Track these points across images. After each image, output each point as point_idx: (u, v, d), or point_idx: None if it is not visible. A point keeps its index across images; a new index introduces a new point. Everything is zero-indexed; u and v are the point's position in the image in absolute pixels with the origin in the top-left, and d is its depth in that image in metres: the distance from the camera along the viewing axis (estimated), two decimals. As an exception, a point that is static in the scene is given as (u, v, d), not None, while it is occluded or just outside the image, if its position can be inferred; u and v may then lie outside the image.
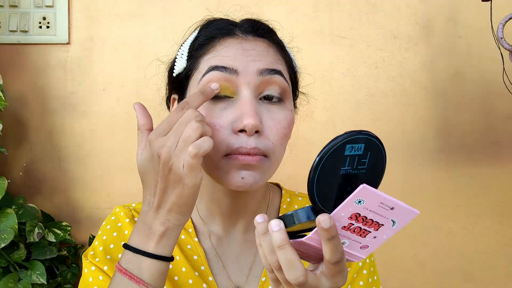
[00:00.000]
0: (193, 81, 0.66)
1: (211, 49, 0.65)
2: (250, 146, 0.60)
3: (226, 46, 0.65)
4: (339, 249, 0.48)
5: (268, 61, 0.64)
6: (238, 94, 0.62)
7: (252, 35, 0.67)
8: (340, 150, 0.46)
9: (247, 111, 0.60)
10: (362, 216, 0.47)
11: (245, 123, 0.59)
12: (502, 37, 1.10)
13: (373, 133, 0.47)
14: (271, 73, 0.64)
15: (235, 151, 0.60)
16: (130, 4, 1.32)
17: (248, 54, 0.64)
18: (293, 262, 0.48)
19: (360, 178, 0.47)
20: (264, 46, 0.66)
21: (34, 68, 1.30)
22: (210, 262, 0.73)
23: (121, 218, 0.75)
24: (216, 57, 0.64)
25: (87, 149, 1.31)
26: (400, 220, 0.48)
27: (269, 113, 0.63)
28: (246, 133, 0.60)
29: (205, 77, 0.63)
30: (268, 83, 0.64)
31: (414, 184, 1.32)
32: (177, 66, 0.69)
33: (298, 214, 0.49)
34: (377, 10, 1.33)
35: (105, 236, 0.74)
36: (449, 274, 1.33)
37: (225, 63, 0.63)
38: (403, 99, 1.33)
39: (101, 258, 0.71)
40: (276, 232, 0.49)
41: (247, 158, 0.60)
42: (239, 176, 0.61)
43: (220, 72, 0.62)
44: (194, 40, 0.69)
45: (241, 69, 0.62)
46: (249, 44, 0.65)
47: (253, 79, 0.62)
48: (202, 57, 0.66)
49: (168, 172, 0.55)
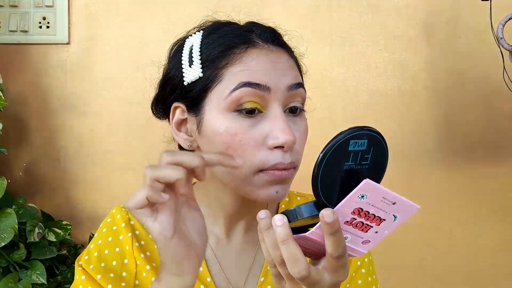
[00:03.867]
0: (215, 94, 0.62)
1: (237, 61, 0.62)
2: (288, 161, 0.60)
3: (254, 59, 0.62)
4: (341, 243, 0.48)
5: (294, 75, 0.64)
6: (268, 109, 0.61)
7: (273, 44, 0.65)
8: (344, 146, 0.46)
9: (284, 128, 0.59)
10: (365, 211, 0.47)
11: (284, 140, 0.59)
12: (502, 37, 1.11)
13: (376, 129, 0.47)
14: (297, 87, 0.63)
15: (272, 167, 0.60)
16: (130, 4, 1.32)
17: (276, 68, 0.63)
18: (296, 256, 0.48)
19: (363, 174, 0.48)
20: (285, 56, 0.66)
21: (34, 68, 1.30)
22: (209, 263, 0.72)
23: (117, 221, 0.74)
24: (246, 71, 0.61)
25: (87, 149, 1.31)
26: (401, 215, 0.48)
27: (295, 125, 0.64)
28: (282, 149, 0.60)
29: (236, 93, 0.60)
30: (293, 96, 0.64)
31: (414, 184, 1.33)
32: (188, 75, 0.64)
33: (301, 209, 0.49)
34: (377, 10, 1.33)
35: (100, 240, 0.73)
36: (449, 274, 1.33)
37: (258, 79, 0.61)
38: (403, 99, 1.33)
39: (95, 265, 0.70)
40: (279, 227, 0.49)
41: (284, 173, 0.61)
42: (274, 190, 0.62)
43: (252, 89, 0.60)
44: (204, 46, 0.64)
45: (273, 85, 0.61)
46: (274, 55, 0.64)
47: (283, 94, 0.62)
48: (226, 68, 0.62)
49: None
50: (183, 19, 1.31)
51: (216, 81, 0.62)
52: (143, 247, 0.73)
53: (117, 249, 0.72)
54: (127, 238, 0.72)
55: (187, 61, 0.65)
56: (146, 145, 1.29)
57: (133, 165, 1.30)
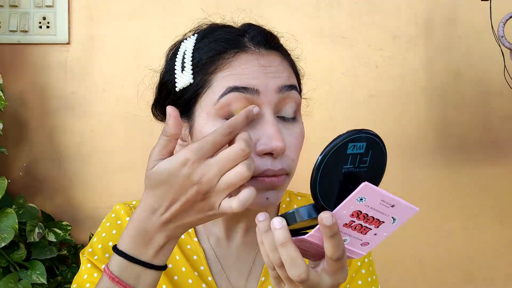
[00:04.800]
0: (205, 100, 0.62)
1: (226, 66, 0.61)
2: (277, 168, 0.60)
3: (243, 63, 0.61)
4: (340, 246, 0.48)
5: (285, 77, 0.63)
6: (258, 114, 0.60)
7: (265, 48, 0.64)
8: (342, 149, 0.46)
9: (273, 134, 0.58)
10: (364, 213, 0.47)
11: (273, 146, 0.58)
12: (503, 35, 1.11)
13: (375, 132, 0.47)
14: (288, 89, 0.62)
15: (262, 173, 0.59)
16: (130, 4, 1.32)
17: (267, 71, 0.61)
18: (295, 259, 0.48)
19: (361, 176, 0.48)
20: (278, 60, 0.64)
21: (34, 68, 1.30)
22: (209, 262, 0.73)
23: (121, 216, 0.75)
24: (234, 75, 0.60)
25: (87, 149, 1.31)
26: (400, 217, 0.49)
27: (287, 130, 0.62)
28: (272, 156, 0.59)
29: (224, 99, 0.59)
30: (285, 99, 0.62)
31: (414, 184, 1.33)
32: (180, 81, 0.64)
33: (300, 212, 0.49)
34: (377, 10, 1.33)
35: (104, 233, 0.74)
36: (449, 274, 1.33)
37: (245, 82, 0.60)
38: (403, 99, 1.33)
39: (100, 256, 0.71)
40: (278, 230, 0.49)
41: (274, 180, 0.60)
42: (264, 197, 0.61)
43: (240, 93, 0.59)
44: (196, 51, 0.64)
45: (262, 88, 0.60)
46: (265, 59, 0.62)
47: (273, 97, 0.61)
48: (215, 73, 0.61)
49: (200, 200, 0.52)
50: (183, 19, 1.30)
51: (205, 87, 0.62)
52: None
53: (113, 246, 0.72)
54: None
55: (180, 66, 0.65)
56: (146, 145, 1.29)
57: (133, 165, 1.30)
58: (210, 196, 0.52)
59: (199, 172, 0.51)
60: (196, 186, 0.51)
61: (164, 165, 0.52)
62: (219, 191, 0.51)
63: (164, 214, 0.54)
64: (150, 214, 0.54)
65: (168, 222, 0.54)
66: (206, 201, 0.52)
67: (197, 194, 0.52)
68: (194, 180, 0.51)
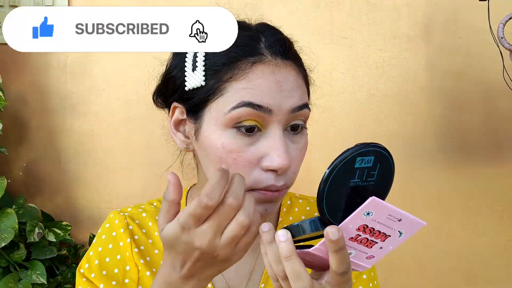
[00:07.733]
0: (215, 107, 0.61)
1: (242, 77, 0.60)
2: (280, 184, 0.60)
3: (259, 77, 0.60)
4: (346, 260, 0.48)
5: (299, 95, 0.62)
6: (267, 129, 0.60)
7: (281, 58, 0.63)
8: (350, 163, 0.46)
9: (280, 152, 0.58)
10: (370, 227, 0.47)
11: (279, 165, 0.58)
12: (502, 36, 1.11)
13: (383, 146, 0.47)
14: (301, 109, 0.62)
15: (264, 188, 0.60)
16: (130, 4, 1.32)
17: (282, 88, 0.60)
18: (299, 272, 0.48)
19: (369, 190, 0.48)
20: (293, 74, 0.63)
21: (34, 68, 1.30)
22: None
23: (116, 226, 0.74)
24: (249, 89, 0.59)
25: (87, 149, 1.30)
26: (406, 231, 0.49)
27: (293, 143, 0.63)
28: (276, 172, 0.59)
29: (236, 112, 0.59)
30: (296, 117, 0.62)
31: (414, 184, 1.33)
32: (190, 80, 0.63)
33: (306, 225, 0.49)
34: (377, 10, 1.33)
35: (100, 247, 0.73)
36: (450, 274, 1.33)
37: (260, 100, 0.59)
38: (403, 99, 1.33)
39: (97, 273, 0.70)
40: (283, 243, 0.49)
41: (275, 194, 0.60)
42: (263, 209, 0.61)
43: (253, 109, 0.58)
44: (211, 53, 0.62)
45: (275, 108, 0.59)
46: (281, 74, 0.61)
47: (284, 116, 0.60)
48: (229, 82, 0.60)
49: (210, 258, 0.52)
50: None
51: (217, 94, 0.61)
52: (143, 253, 0.72)
53: (118, 256, 0.72)
54: (127, 244, 0.72)
55: (191, 65, 0.63)
56: (146, 145, 1.29)
57: (133, 165, 1.30)
58: (218, 254, 0.52)
59: (198, 239, 0.51)
60: (199, 251, 0.52)
61: (167, 232, 0.52)
62: (225, 246, 0.52)
63: (182, 270, 0.54)
64: (171, 270, 0.55)
65: (189, 277, 0.55)
66: (217, 258, 0.52)
67: (205, 257, 0.52)
68: (195, 246, 0.51)
